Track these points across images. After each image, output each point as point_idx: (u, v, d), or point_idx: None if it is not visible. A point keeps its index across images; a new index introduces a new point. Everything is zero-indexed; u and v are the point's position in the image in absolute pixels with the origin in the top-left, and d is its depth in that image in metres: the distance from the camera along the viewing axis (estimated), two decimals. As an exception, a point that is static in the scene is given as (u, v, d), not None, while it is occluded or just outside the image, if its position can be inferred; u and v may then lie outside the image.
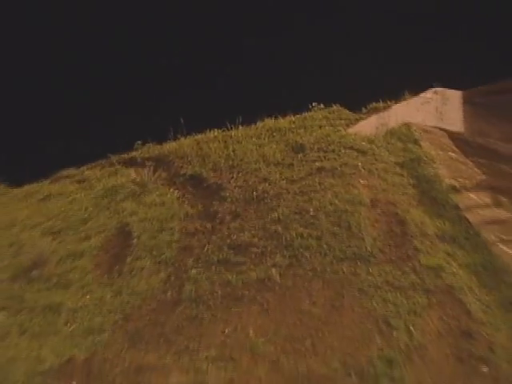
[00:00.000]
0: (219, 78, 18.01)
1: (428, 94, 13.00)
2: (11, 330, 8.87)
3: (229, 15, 19.76)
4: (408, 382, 7.39)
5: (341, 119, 12.74)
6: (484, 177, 11.41)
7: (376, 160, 11.39)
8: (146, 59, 19.20)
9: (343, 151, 11.51)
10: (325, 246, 9.44)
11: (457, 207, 10.29)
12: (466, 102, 13.10)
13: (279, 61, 17.85)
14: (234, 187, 11.03)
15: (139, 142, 13.32)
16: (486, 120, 13.01)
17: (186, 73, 18.91)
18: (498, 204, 10.69)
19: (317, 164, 11.25)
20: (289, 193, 10.66)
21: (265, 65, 17.73)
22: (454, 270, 9.07)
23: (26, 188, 13.13)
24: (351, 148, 11.59)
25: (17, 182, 13.29)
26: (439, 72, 13.09)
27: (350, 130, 12.21)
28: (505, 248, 9.58)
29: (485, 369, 7.66)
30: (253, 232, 9.95)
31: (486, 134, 12.82)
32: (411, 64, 14.40)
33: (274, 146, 11.98)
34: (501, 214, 10.48)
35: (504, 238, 9.82)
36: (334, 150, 11.58)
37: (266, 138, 12.35)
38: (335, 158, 11.34)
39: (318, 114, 13.00)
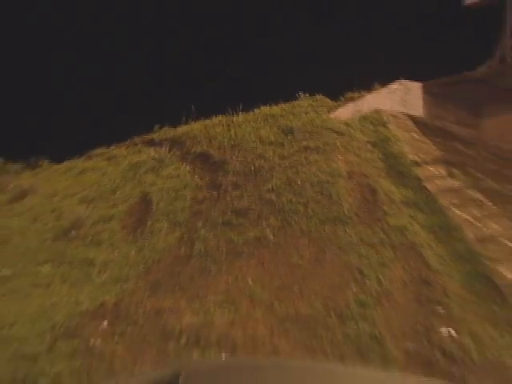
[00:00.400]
0: (223, 74, 17.97)
1: (394, 85, 12.90)
2: (54, 279, 8.89)
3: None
4: (378, 321, 7.39)
5: (323, 106, 12.65)
6: (440, 153, 11.36)
7: (352, 140, 11.30)
8: (160, 58, 19.12)
9: (325, 133, 11.43)
10: (310, 210, 9.40)
11: (418, 178, 10.24)
12: (426, 91, 13.00)
13: (274, 57, 17.78)
14: (236, 162, 10.97)
15: (157, 125, 13.26)
16: (442, 106, 12.93)
17: (195, 69, 18.89)
18: (451, 175, 10.65)
19: (303, 143, 11.15)
20: (280, 167, 10.59)
21: (262, 61, 17.67)
22: (416, 229, 9.05)
23: (65, 164, 13.09)
24: (331, 130, 11.51)
25: (57, 160, 13.22)
26: (404, 67, 13.00)
27: (331, 115, 12.11)
28: (457, 211, 9.57)
29: (441, 310, 7.68)
30: (251, 199, 9.89)
31: (442, 117, 12.75)
32: (381, 60, 14.30)
33: (268, 129, 11.89)
34: (454, 183, 10.45)
35: (456, 202, 9.81)
36: (317, 132, 11.49)
37: (262, 122, 12.27)
38: (318, 138, 11.25)
39: (304, 102, 12.92)
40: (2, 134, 16.08)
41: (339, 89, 13.00)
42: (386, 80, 12.87)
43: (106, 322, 7.55)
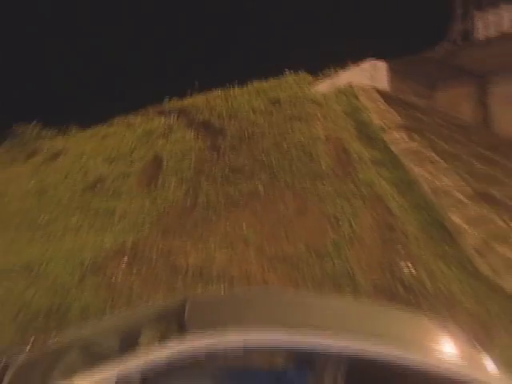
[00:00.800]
0: (222, 55, 17.88)
1: (364, 64, 12.72)
2: (82, 225, 8.75)
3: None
4: (350, 259, 7.40)
5: (305, 81, 12.44)
6: (402, 120, 11.27)
7: (329, 109, 11.11)
8: (169, 42, 18.95)
9: (307, 103, 11.22)
10: (294, 168, 9.26)
11: (384, 141, 10.14)
12: (390, 69, 12.84)
13: (265, 40, 17.61)
14: (232, 129, 10.75)
15: (167, 98, 13.02)
16: (404, 81, 12.82)
17: (198, 51, 18.82)
18: (411, 139, 10.59)
19: (288, 112, 10.93)
20: (270, 132, 10.40)
21: (254, 44, 17.50)
22: (381, 183, 9.00)
23: (91, 130, 12.83)
24: (312, 101, 11.29)
25: (85, 126, 13.03)
26: (373, 48, 12.82)
27: (311, 89, 11.92)
28: (415, 168, 9.54)
29: (401, 249, 7.69)
30: (245, 159, 9.71)
31: (403, 91, 12.66)
32: (353, 43, 14.05)
33: (260, 101, 11.67)
34: (413, 145, 10.39)
35: (415, 161, 9.78)
36: (300, 103, 11.25)
37: (254, 95, 12.02)
38: (301, 109, 11.04)
39: (289, 78, 12.66)
40: (38, 105, 16.13)
41: (318, 67, 12.81)
42: (357, 59, 12.69)
43: (125, 261, 7.48)
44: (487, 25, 12.89)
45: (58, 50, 18.74)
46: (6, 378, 3.32)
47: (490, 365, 3.44)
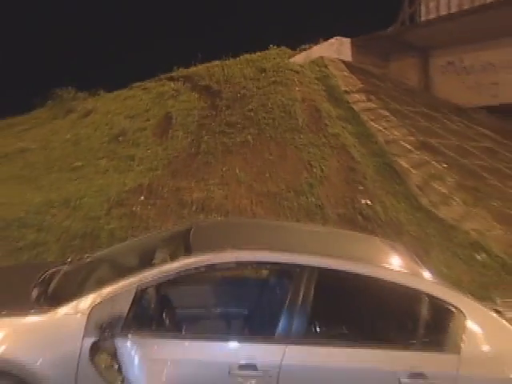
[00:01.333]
0: (221, 32, 17.56)
1: (332, 40, 12.34)
2: (109, 168, 8.45)
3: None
4: (320, 195, 7.36)
5: (286, 54, 11.98)
6: (362, 85, 10.99)
7: (304, 76, 10.64)
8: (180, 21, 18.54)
9: (287, 72, 10.73)
10: (277, 123, 8.95)
11: (347, 102, 9.79)
12: (353, 44, 12.46)
13: (254, 20, 17.25)
14: (227, 92, 10.33)
15: (175, 67, 12.63)
16: (364, 55, 12.47)
17: (202, 28, 18.53)
18: (368, 100, 10.35)
19: (272, 79, 10.43)
20: (257, 95, 9.91)
21: (246, 23, 17.13)
22: (346, 135, 8.76)
23: (115, 93, 12.36)
24: (291, 70, 10.79)
25: (110, 90, 12.72)
26: (339, 28, 12.48)
27: (291, 60, 11.52)
28: (372, 123, 9.35)
29: (361, 187, 7.67)
30: (238, 116, 9.32)
31: (363, 62, 12.33)
32: (324, 23, 13.66)
33: (249, 69, 11.16)
34: (370, 105, 10.13)
35: (372, 118, 9.56)
36: (281, 71, 10.75)
37: (245, 64, 11.52)
38: (282, 76, 10.56)
39: (273, 51, 12.11)
40: (74, 72, 15.96)
41: (296, 42, 12.40)
42: (327, 36, 12.32)
43: (143, 197, 7.33)
44: (429, 9, 12.63)
45: (93, 27, 18.68)
46: (53, 284, 3.40)
47: (427, 275, 3.48)
